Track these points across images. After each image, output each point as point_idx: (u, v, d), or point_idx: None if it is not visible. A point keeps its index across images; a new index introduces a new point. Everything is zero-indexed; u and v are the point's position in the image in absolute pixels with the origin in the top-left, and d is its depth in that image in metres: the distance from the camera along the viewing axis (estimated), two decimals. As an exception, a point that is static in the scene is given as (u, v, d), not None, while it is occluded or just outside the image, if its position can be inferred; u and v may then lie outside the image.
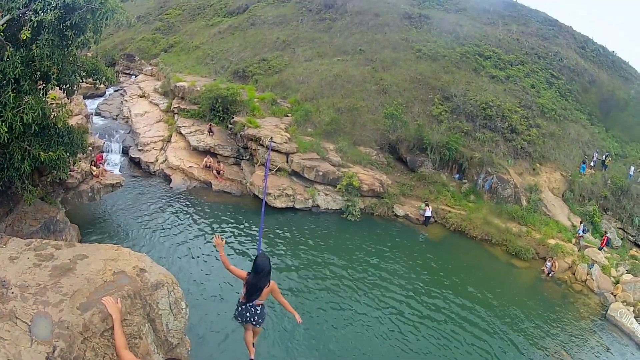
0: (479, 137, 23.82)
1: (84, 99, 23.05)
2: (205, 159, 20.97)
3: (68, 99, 9.81)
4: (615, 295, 16.88)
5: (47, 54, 7.82)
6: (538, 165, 24.13)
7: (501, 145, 23.86)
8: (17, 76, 7.71)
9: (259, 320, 5.89)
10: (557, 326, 13.97)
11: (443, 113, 24.68)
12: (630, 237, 23.30)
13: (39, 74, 8.45)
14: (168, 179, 20.00)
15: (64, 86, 9.19)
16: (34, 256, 5.66)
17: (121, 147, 22.66)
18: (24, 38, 7.46)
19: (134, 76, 37.05)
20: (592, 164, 25.74)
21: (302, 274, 13.87)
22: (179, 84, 26.13)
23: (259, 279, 5.54)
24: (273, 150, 19.56)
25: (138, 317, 5.30)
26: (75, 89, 9.47)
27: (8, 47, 7.57)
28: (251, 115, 22.56)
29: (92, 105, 27.51)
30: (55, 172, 10.39)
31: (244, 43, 33.80)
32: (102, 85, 13.11)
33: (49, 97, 9.19)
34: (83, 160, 13.89)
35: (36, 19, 7.47)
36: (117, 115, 27.03)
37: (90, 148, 13.75)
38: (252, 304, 5.72)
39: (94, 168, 15.22)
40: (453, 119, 24.53)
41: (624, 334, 14.71)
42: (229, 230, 15.94)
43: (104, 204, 16.23)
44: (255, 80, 28.41)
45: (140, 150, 22.21)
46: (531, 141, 24.34)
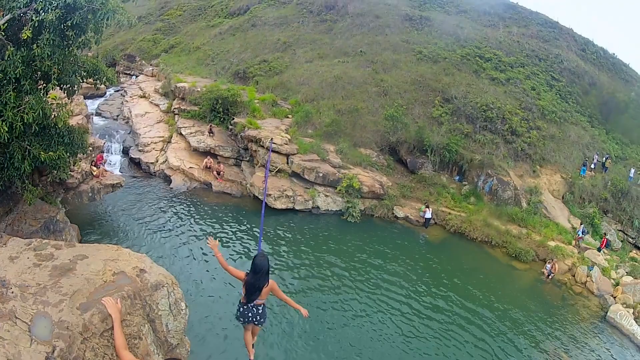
0: (479, 139, 23.83)
1: (85, 99, 23.09)
2: (206, 160, 20.98)
3: (68, 99, 9.79)
4: (615, 297, 16.87)
5: (48, 53, 7.82)
6: (538, 167, 24.12)
7: (501, 147, 23.86)
8: (18, 76, 7.71)
9: (261, 320, 5.93)
10: (557, 328, 13.96)
11: (443, 115, 24.68)
12: (630, 239, 23.31)
13: (39, 73, 8.45)
14: (168, 180, 20.02)
15: (65, 86, 9.19)
16: (33, 256, 5.65)
17: (121, 148, 22.69)
18: (25, 38, 7.47)
19: (135, 77, 37.10)
20: (593, 166, 25.73)
21: (303, 274, 13.86)
22: (179, 85, 26.15)
23: (257, 278, 5.55)
24: (273, 151, 19.54)
25: (138, 318, 5.29)
26: (75, 89, 9.46)
27: (9, 47, 7.57)
28: (252, 117, 22.58)
29: (93, 105, 27.57)
30: (56, 172, 10.39)
31: (245, 44, 33.82)
32: (103, 86, 13.09)
33: (49, 97, 9.20)
34: (83, 160, 13.89)
35: (37, 18, 7.48)
36: (118, 116, 27.05)
37: (90, 148, 13.75)
38: (254, 304, 5.74)
39: (94, 168, 15.23)
40: (453, 120, 24.54)
41: (624, 336, 14.72)
42: (229, 232, 15.94)
43: (104, 204, 16.24)
44: (255, 81, 28.40)
45: (140, 150, 22.23)
46: (531, 143, 24.34)
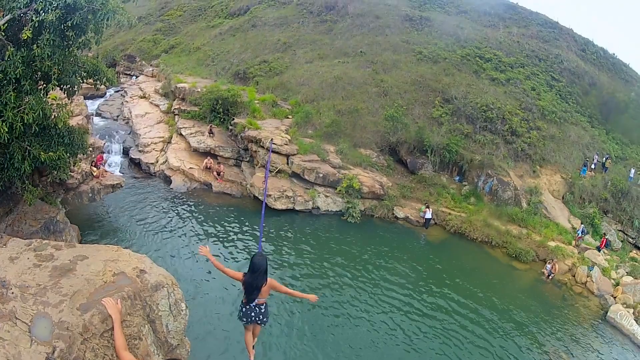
0: (479, 140, 23.82)
1: (85, 99, 23.09)
2: (206, 160, 20.97)
3: (68, 100, 9.80)
4: (615, 297, 16.86)
5: (48, 54, 7.83)
6: (538, 167, 24.12)
7: (501, 148, 23.86)
8: (18, 76, 7.71)
9: (264, 319, 5.95)
10: (557, 328, 13.95)
11: (443, 115, 24.68)
12: (630, 239, 23.31)
13: (39, 74, 8.45)
14: (168, 180, 20.01)
15: (65, 86, 9.19)
16: (34, 256, 5.65)
17: (121, 148, 22.70)
18: (25, 38, 7.47)
19: (135, 77, 37.10)
20: (593, 166, 25.74)
21: (303, 274, 13.86)
22: (179, 85, 26.14)
23: (255, 277, 5.57)
24: (273, 152, 19.54)
25: (138, 318, 5.29)
26: (75, 89, 9.47)
27: (9, 47, 7.58)
28: (252, 117, 22.58)
29: (93, 105, 27.58)
30: (56, 173, 10.38)
31: (245, 44, 33.82)
32: (103, 86, 13.10)
33: (49, 98, 9.20)
34: (83, 160, 13.89)
35: (37, 19, 7.48)
36: (118, 116, 27.06)
37: (90, 149, 13.76)
38: (256, 303, 5.75)
39: (95, 169, 15.23)
40: (453, 121, 24.54)
41: (624, 336, 14.71)
42: (229, 232, 15.93)
43: (104, 205, 16.23)
44: (255, 81, 28.40)
45: (140, 151, 22.23)
46: (531, 143, 24.34)
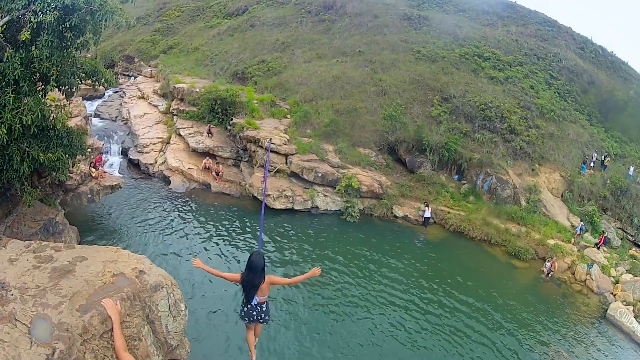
0: (478, 138, 23.85)
1: (83, 100, 23.04)
2: (205, 161, 20.96)
3: (67, 101, 9.79)
4: (614, 295, 16.90)
5: (47, 55, 7.81)
6: (537, 165, 24.15)
7: (500, 146, 23.89)
8: (17, 77, 7.69)
9: (266, 318, 6.00)
10: (557, 326, 13.97)
11: (442, 114, 24.70)
12: (629, 237, 23.38)
13: (38, 75, 8.44)
14: (167, 181, 20.00)
15: (63, 87, 9.17)
16: (33, 258, 5.64)
17: (120, 149, 22.68)
18: (24, 39, 7.45)
19: (133, 78, 37.04)
20: (592, 164, 25.79)
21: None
22: (178, 86, 26.13)
23: (253, 276, 5.60)
24: (272, 151, 19.56)
25: (137, 319, 5.28)
26: (74, 90, 9.44)
27: (7, 48, 7.56)
28: (250, 117, 22.58)
29: (91, 106, 27.51)
30: (55, 174, 10.37)
31: (243, 44, 33.82)
32: (101, 87, 13.08)
33: (48, 99, 9.19)
34: (82, 161, 13.87)
35: (36, 20, 7.46)
36: (116, 117, 27.02)
37: (89, 150, 13.72)
38: (257, 302, 5.77)
39: (93, 170, 15.21)
40: (452, 120, 24.56)
41: (624, 334, 14.73)
42: (228, 232, 15.93)
43: (103, 206, 16.21)
44: (254, 81, 28.41)
45: (139, 151, 22.21)
46: (530, 142, 24.38)
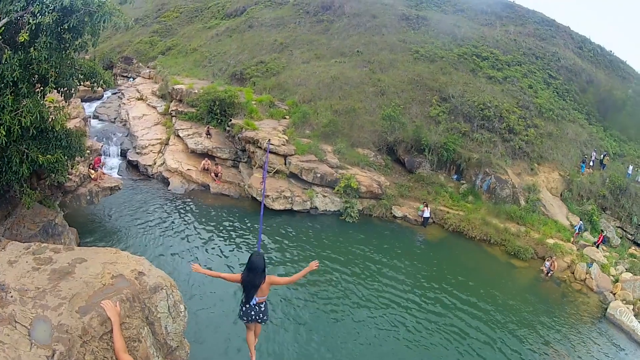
0: (476, 138, 23.86)
1: (82, 102, 23.06)
2: (203, 162, 20.95)
3: (66, 102, 9.79)
4: (614, 294, 16.91)
5: (45, 56, 7.81)
6: (536, 165, 24.17)
7: (499, 146, 23.91)
8: (15, 79, 7.69)
9: (264, 318, 5.99)
10: (557, 325, 13.98)
11: (441, 114, 24.72)
12: (629, 236, 23.39)
13: (36, 76, 8.44)
14: (166, 182, 19.99)
15: (62, 89, 9.17)
16: (32, 260, 5.63)
17: (119, 150, 22.67)
18: (22, 41, 7.45)
19: (132, 79, 37.04)
20: (591, 163, 25.83)
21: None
22: (176, 87, 26.13)
23: (253, 276, 5.60)
24: (271, 152, 19.56)
25: (137, 320, 5.28)
26: (73, 92, 9.44)
27: (6, 50, 7.56)
28: (249, 118, 22.58)
29: (90, 108, 27.53)
30: (54, 176, 10.35)
31: (242, 45, 33.82)
32: (100, 88, 13.10)
33: (46, 100, 9.19)
34: (81, 163, 13.87)
35: (34, 21, 7.46)
36: (115, 118, 27.02)
37: (88, 151, 13.74)
38: (256, 302, 5.78)
39: (92, 171, 15.19)
40: (451, 119, 24.58)
41: (624, 332, 14.74)
42: (227, 233, 15.92)
43: (102, 207, 16.19)
44: (252, 82, 28.40)
45: (138, 153, 22.20)
46: (529, 141, 24.40)
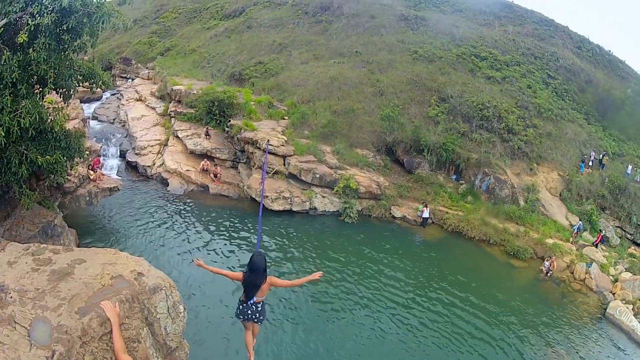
0: (475, 138, 23.88)
1: (81, 103, 23.08)
2: (203, 163, 20.95)
3: (65, 103, 9.80)
4: (614, 294, 16.92)
5: (44, 57, 7.82)
6: (535, 165, 24.20)
7: (498, 146, 23.93)
8: (14, 80, 7.70)
9: (260, 318, 6.01)
10: (556, 325, 13.99)
11: (440, 114, 24.74)
12: (628, 236, 23.42)
13: (35, 77, 8.45)
14: (165, 183, 19.98)
15: (61, 90, 9.18)
16: (32, 261, 5.63)
17: (118, 151, 22.65)
18: (21, 42, 7.46)
19: (131, 80, 37.00)
20: (590, 163, 25.86)
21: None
22: (175, 88, 26.11)
23: (255, 276, 5.65)
24: (270, 153, 19.56)
25: (136, 321, 5.28)
26: (72, 92, 9.46)
27: (5, 51, 7.57)
28: (248, 119, 22.57)
29: (89, 109, 27.55)
30: (53, 177, 10.37)
31: (240, 46, 33.82)
32: (99, 89, 13.09)
33: (45, 101, 9.19)
34: (80, 164, 13.88)
35: (33, 22, 7.47)
36: (114, 119, 27.01)
37: (87, 152, 13.72)
38: (253, 301, 5.81)
39: (91, 172, 15.19)
40: (450, 120, 24.59)
41: (623, 332, 14.75)
42: (226, 234, 15.92)
43: (101, 208, 16.19)
44: (251, 83, 28.41)
45: (137, 154, 22.20)
46: (528, 141, 24.43)
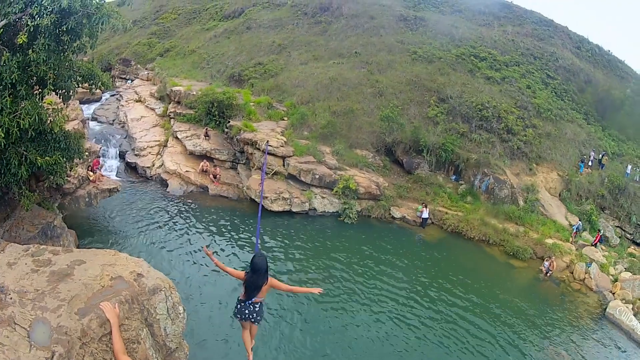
0: (475, 138, 23.90)
1: (80, 104, 23.07)
2: (202, 163, 20.94)
3: (64, 104, 9.79)
4: (613, 293, 16.91)
5: (44, 58, 7.82)
6: (535, 165, 24.23)
7: (497, 146, 23.96)
8: (14, 81, 7.70)
9: (257, 318, 6.03)
10: (556, 325, 13.99)
11: (439, 115, 24.75)
12: (627, 235, 23.45)
13: (35, 78, 8.46)
14: (165, 184, 19.97)
15: (60, 91, 9.18)
16: (31, 262, 5.63)
17: (118, 152, 22.63)
18: (21, 43, 7.47)
19: (130, 81, 37.01)
20: (589, 163, 25.89)
21: (300, 277, 13.83)
22: (175, 89, 26.12)
23: (257, 277, 5.71)
24: (269, 154, 19.56)
25: (136, 322, 5.28)
26: (71, 94, 9.45)
27: (4, 52, 7.57)
28: (247, 119, 22.58)
29: (89, 110, 27.52)
30: (52, 178, 10.37)
31: (240, 47, 33.84)
32: (98, 90, 13.05)
33: (45, 102, 9.19)
34: (80, 165, 13.87)
35: (32, 23, 7.47)
36: (114, 120, 27.00)
37: (86, 153, 13.72)
38: (251, 301, 5.86)
39: (91, 173, 15.19)
40: (449, 120, 24.61)
41: (623, 332, 14.74)
42: (226, 234, 15.92)
43: (101, 209, 16.18)
44: (251, 84, 28.42)
45: (136, 155, 22.20)
46: (527, 141, 24.45)
